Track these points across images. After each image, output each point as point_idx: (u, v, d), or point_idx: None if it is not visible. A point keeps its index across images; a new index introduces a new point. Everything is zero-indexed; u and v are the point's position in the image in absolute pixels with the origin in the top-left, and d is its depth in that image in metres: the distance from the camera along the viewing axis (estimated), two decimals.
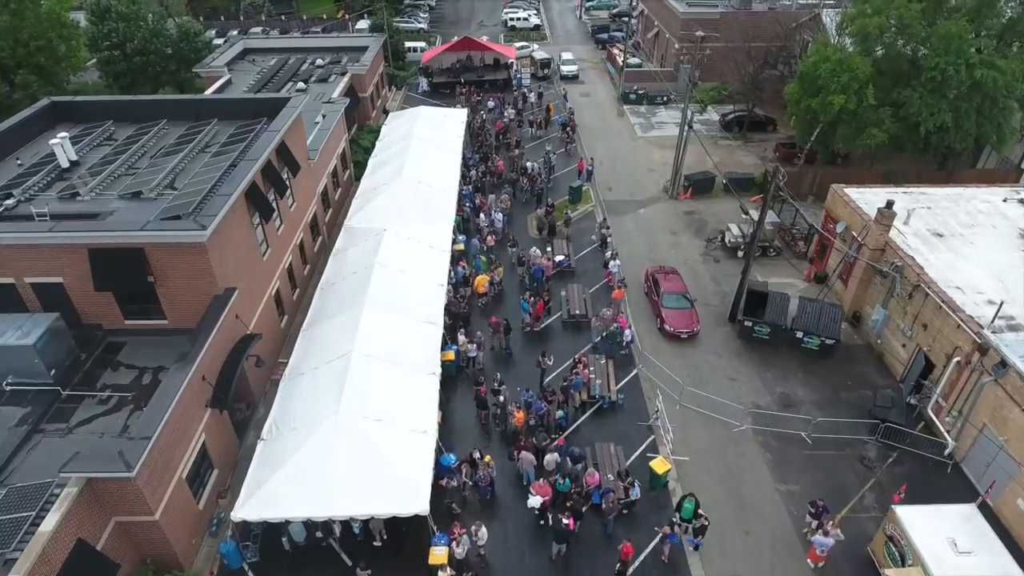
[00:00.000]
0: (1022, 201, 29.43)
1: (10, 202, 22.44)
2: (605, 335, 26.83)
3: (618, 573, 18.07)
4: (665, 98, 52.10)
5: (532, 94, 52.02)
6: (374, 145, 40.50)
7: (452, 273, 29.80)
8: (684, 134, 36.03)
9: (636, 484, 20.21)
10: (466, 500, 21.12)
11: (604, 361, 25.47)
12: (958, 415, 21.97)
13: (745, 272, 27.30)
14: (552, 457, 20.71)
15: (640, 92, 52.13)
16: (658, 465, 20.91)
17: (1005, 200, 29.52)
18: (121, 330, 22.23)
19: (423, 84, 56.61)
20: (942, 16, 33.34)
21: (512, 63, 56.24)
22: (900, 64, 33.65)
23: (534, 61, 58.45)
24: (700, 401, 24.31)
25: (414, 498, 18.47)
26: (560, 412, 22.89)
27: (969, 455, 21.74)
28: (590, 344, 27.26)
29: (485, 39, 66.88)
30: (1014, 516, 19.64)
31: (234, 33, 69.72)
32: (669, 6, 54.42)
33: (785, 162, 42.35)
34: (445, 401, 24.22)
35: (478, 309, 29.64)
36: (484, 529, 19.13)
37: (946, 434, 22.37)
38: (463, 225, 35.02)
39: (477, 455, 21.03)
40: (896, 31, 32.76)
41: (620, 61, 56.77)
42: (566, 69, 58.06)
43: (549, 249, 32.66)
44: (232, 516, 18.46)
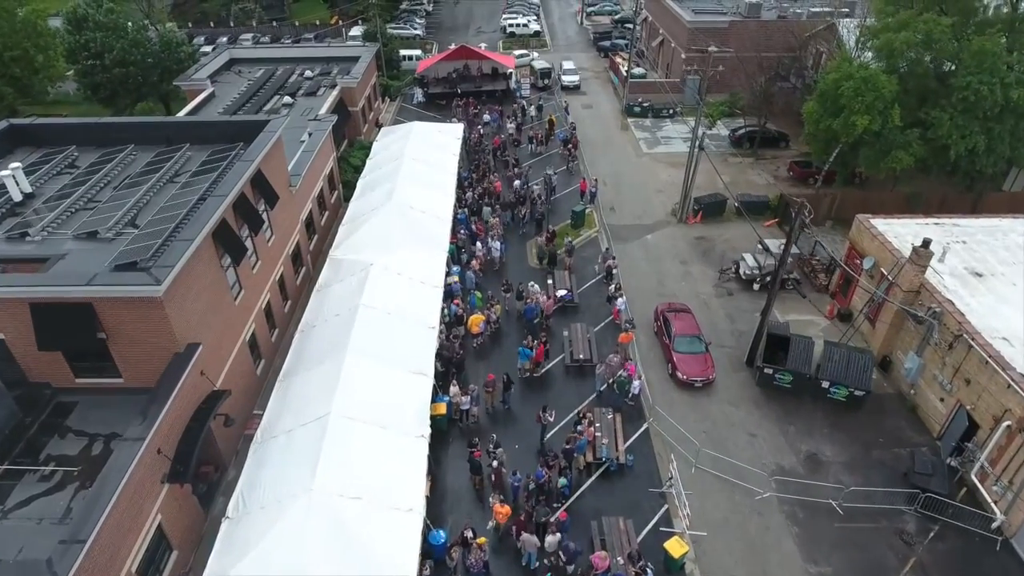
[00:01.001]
0: None
1: None
2: (612, 383, 24.49)
3: None
4: (671, 111, 49.72)
5: (532, 107, 49.62)
6: (364, 163, 38.21)
7: (445, 310, 27.45)
8: (694, 155, 33.65)
9: (649, 569, 17.86)
10: None
11: (611, 416, 23.11)
12: (1008, 485, 19.62)
13: (765, 314, 24.93)
14: (554, 539, 18.33)
15: (645, 105, 49.76)
16: (674, 547, 18.54)
17: None
18: (72, 389, 19.85)
19: (418, 95, 54.23)
20: (969, 30, 31.10)
21: (511, 73, 53.87)
22: (927, 82, 31.31)
23: (534, 71, 56.07)
24: (718, 463, 21.95)
25: None
26: (563, 480, 20.52)
27: (1021, 532, 19.39)
28: (595, 393, 24.90)
29: (483, 47, 64.59)
30: None
31: (223, 40, 67.41)
32: (675, 14, 52.06)
33: (799, 182, 40.12)
34: (435, 462, 21.88)
35: (473, 350, 27.27)
36: None
37: (994, 505, 20.02)
38: (457, 254, 32.65)
39: (470, 534, 18.68)
40: (924, 47, 30.40)
41: (623, 71, 54.43)
42: (567, 79, 55.68)
43: (550, 282, 30.32)
44: None
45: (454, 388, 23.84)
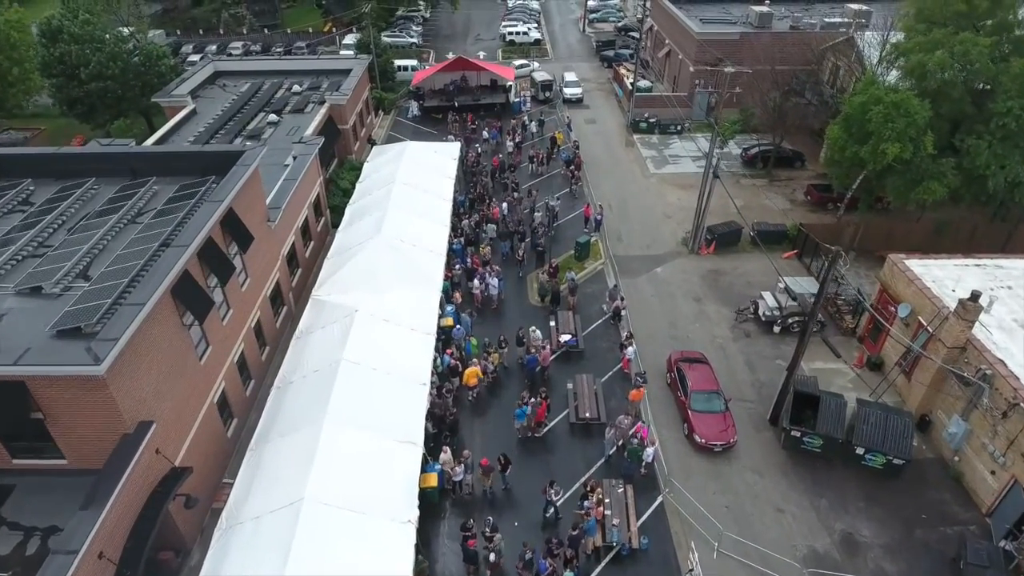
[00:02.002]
0: None
1: None
2: (622, 447, 22.03)
3: None
4: (679, 127, 47.24)
5: (532, 122, 47.10)
6: (355, 186, 35.78)
7: (437, 360, 24.98)
8: (708, 183, 31.17)
9: None
10: None
11: (621, 488, 20.64)
12: None
13: (791, 370, 22.46)
14: None
15: (651, 120, 47.28)
16: None
17: None
18: (9, 471, 17.42)
19: (413, 108, 51.76)
20: (1006, 48, 28.68)
21: (510, 86, 51.38)
22: (962, 106, 28.82)
23: (534, 83, 53.60)
24: (743, 547, 19.47)
25: None
26: (569, 574, 18.03)
27: None
28: (603, 458, 22.43)
29: (481, 56, 62.18)
30: None
31: (212, 48, 65.03)
32: (683, 25, 49.56)
33: (818, 207, 37.66)
34: (424, 546, 19.41)
35: (468, 404, 24.83)
36: None
37: None
38: (453, 290, 30.17)
39: None
40: (960, 69, 27.93)
41: (628, 83, 51.94)
42: (569, 92, 53.17)
43: (553, 324, 27.87)
44: None
45: (446, 455, 21.38)
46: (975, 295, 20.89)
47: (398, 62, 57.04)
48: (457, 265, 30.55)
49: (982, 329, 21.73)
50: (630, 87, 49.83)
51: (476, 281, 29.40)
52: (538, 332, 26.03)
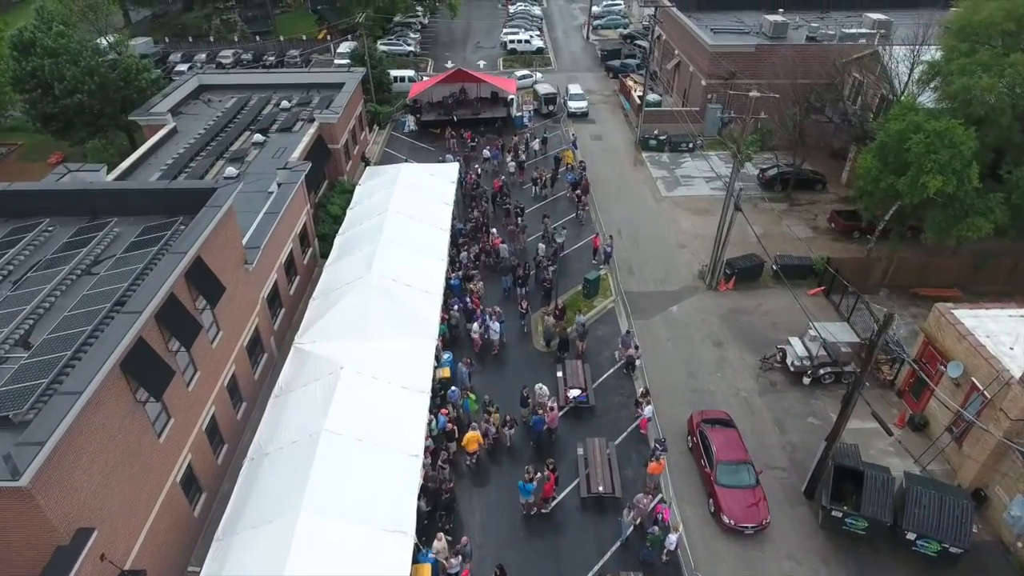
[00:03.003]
0: None
1: None
2: (640, 526, 19.47)
3: None
4: (691, 145, 44.64)
5: (536, 140, 44.49)
6: (345, 212, 33.23)
7: (432, 422, 22.42)
8: (728, 215, 28.58)
9: None
10: None
11: None
12: None
13: (831, 440, 19.86)
14: None
15: (662, 138, 44.67)
16: None
17: None
18: None
19: (410, 123, 49.18)
20: None
21: (512, 99, 48.77)
22: (1010, 134, 26.27)
23: (537, 96, 51.01)
24: None
25: None
26: None
27: None
28: (619, 540, 19.85)
29: (482, 65, 59.69)
30: None
31: (202, 57, 62.44)
32: (694, 36, 46.96)
33: (843, 236, 35.06)
34: None
35: (466, 471, 22.27)
36: None
37: None
38: (450, 333, 27.64)
39: None
40: (1008, 94, 25.38)
41: (635, 95, 49.37)
42: (574, 106, 50.54)
43: (560, 374, 25.30)
44: None
45: (440, 543, 18.82)
46: None
47: (394, 73, 54.47)
48: (455, 305, 27.95)
49: None
50: (638, 101, 47.27)
51: (475, 325, 26.79)
52: (544, 388, 23.43)
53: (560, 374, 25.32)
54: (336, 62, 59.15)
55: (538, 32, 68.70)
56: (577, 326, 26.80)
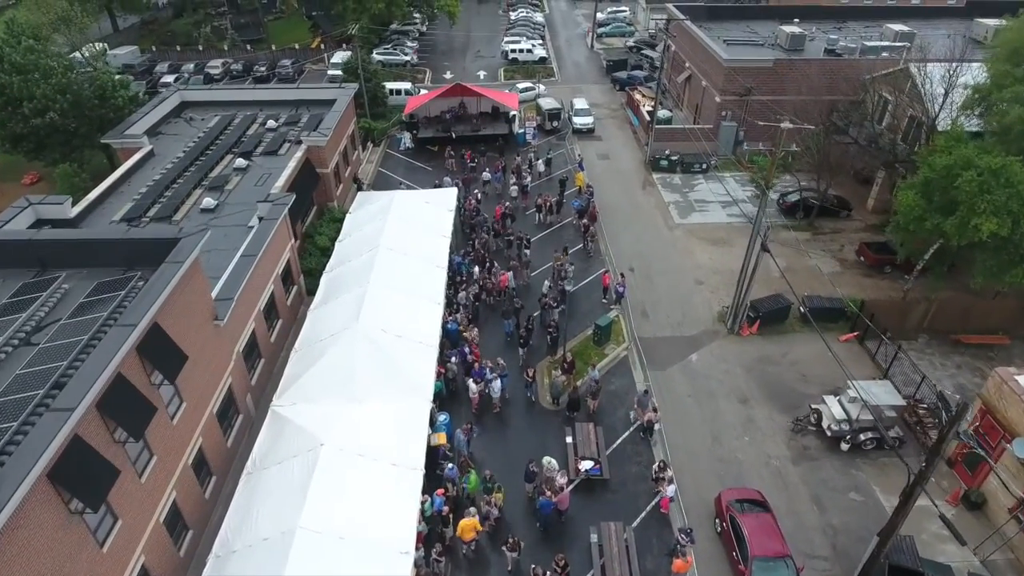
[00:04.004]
0: None
1: None
2: None
3: None
4: (704, 165, 41.98)
5: (540, 160, 41.80)
6: (334, 243, 30.60)
7: (427, 503, 19.73)
8: (754, 257, 25.92)
9: None
10: None
11: None
12: None
13: (886, 537, 17.17)
14: None
15: (673, 158, 42.01)
16: None
17: None
18: None
19: (406, 140, 46.48)
20: None
21: (514, 115, 46.07)
22: None
23: (540, 111, 48.34)
24: None
25: None
26: None
27: None
28: None
29: (482, 76, 57.17)
30: None
31: (190, 67, 59.79)
32: (707, 49, 44.28)
33: (874, 271, 32.40)
34: None
35: (463, 561, 19.59)
36: None
37: None
38: (447, 388, 24.97)
39: None
40: None
41: (644, 110, 46.73)
42: (580, 121, 47.85)
43: (569, 440, 22.62)
44: None
45: None
46: None
47: (390, 85, 51.77)
48: (452, 357, 25.26)
49: None
50: (647, 117, 44.61)
51: (472, 384, 24.04)
52: (553, 462, 20.75)
53: (570, 439, 22.65)
54: (330, 72, 56.52)
55: (540, 41, 66.05)
56: (589, 382, 24.15)
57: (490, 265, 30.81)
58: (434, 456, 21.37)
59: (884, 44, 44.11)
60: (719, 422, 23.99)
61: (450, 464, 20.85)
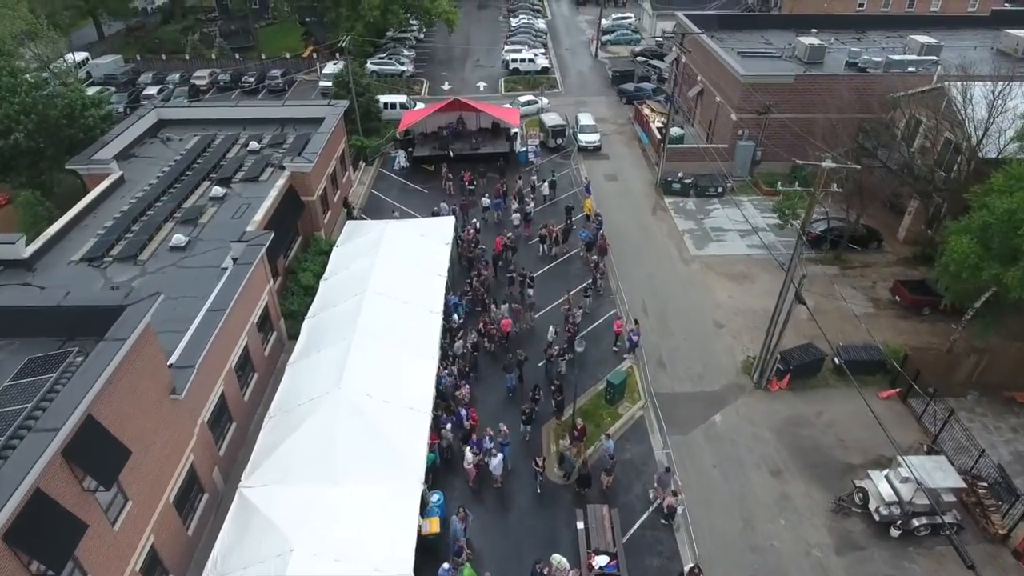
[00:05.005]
0: None
1: None
2: None
3: None
4: (720, 188, 39.15)
5: (544, 183, 38.93)
6: (319, 282, 27.79)
7: None
8: (787, 307, 23.08)
9: None
10: None
11: None
12: None
13: None
14: None
15: (687, 181, 39.18)
16: None
17: None
18: None
19: (401, 159, 43.63)
20: None
21: (516, 133, 43.22)
22: None
23: (544, 127, 45.49)
24: None
25: None
26: None
27: None
28: None
29: (482, 87, 54.36)
30: None
31: (175, 77, 57.02)
32: (723, 64, 41.43)
33: (910, 312, 29.57)
34: None
35: None
36: None
37: None
38: (441, 458, 22.12)
39: None
40: None
41: (654, 126, 43.93)
42: (585, 139, 44.99)
43: (581, 526, 19.75)
44: None
45: None
46: None
47: (384, 99, 48.91)
48: (447, 424, 22.40)
49: None
50: (658, 135, 41.77)
51: (469, 453, 21.19)
52: (564, 561, 17.90)
53: (581, 525, 19.76)
54: (321, 84, 53.71)
55: (543, 49, 63.22)
56: (603, 456, 21.29)
57: (491, 304, 27.96)
58: (426, 548, 18.54)
59: (911, 58, 41.27)
60: (750, 500, 21.12)
61: (445, 564, 17.95)
